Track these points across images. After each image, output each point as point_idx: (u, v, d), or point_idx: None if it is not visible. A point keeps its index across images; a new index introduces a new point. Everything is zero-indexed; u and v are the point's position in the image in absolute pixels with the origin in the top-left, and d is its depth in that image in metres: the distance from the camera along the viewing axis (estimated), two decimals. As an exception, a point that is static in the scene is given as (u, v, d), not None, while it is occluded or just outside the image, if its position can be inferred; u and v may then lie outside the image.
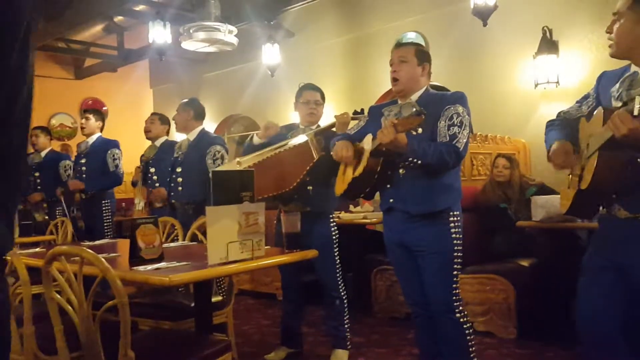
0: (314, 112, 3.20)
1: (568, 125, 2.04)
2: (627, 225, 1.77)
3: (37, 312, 2.14)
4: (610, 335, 1.82)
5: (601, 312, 1.83)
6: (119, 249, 2.75)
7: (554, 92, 4.71)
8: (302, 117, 3.24)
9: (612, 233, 1.84)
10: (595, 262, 1.89)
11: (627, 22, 1.74)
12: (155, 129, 4.40)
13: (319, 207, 3.13)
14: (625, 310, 1.80)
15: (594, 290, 1.86)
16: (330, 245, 3.18)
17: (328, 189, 3.16)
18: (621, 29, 1.76)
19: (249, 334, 3.98)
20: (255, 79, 7.13)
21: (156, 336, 2.39)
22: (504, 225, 3.83)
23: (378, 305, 4.28)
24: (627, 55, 1.80)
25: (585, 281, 1.90)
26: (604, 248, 1.88)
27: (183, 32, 5.05)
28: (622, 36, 1.76)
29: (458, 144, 2.31)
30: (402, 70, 2.45)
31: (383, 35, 5.87)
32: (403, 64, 2.45)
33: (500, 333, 3.62)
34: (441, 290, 2.39)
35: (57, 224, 4.33)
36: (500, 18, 4.63)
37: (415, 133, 2.33)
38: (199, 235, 3.15)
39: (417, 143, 2.27)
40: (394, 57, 2.50)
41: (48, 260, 1.82)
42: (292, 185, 2.95)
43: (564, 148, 1.96)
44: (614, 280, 1.81)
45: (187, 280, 1.97)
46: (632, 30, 1.74)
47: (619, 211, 1.79)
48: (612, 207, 1.82)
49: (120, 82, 8.50)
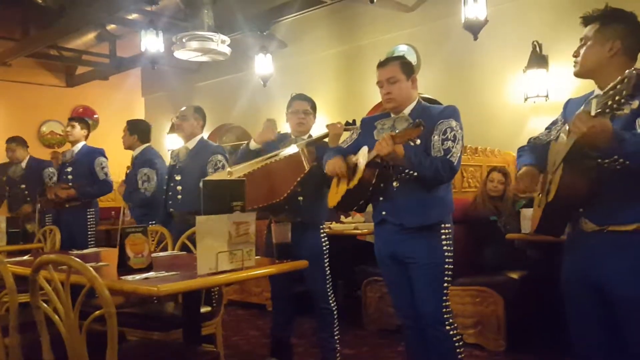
0: (303, 122, 3.20)
1: (537, 150, 2.09)
2: (594, 238, 1.81)
3: (23, 321, 2.11)
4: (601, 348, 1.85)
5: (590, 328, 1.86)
6: (107, 258, 2.73)
7: (544, 105, 4.75)
8: (292, 127, 3.25)
9: (581, 247, 1.88)
10: (570, 279, 1.92)
11: (593, 44, 1.85)
12: (125, 140, 4.34)
13: (310, 218, 3.12)
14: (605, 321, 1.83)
15: (577, 307, 1.91)
16: (321, 257, 3.16)
17: (319, 199, 3.16)
18: (587, 50, 1.86)
19: (238, 345, 3.95)
20: (248, 89, 7.14)
21: (144, 347, 2.37)
22: (494, 237, 3.84)
23: (368, 317, 4.26)
24: (591, 75, 1.90)
25: (566, 299, 1.94)
26: (575, 263, 1.90)
27: (176, 41, 5.05)
28: (587, 57, 1.87)
29: (452, 158, 2.33)
30: (394, 91, 2.45)
31: (375, 47, 5.90)
32: (394, 84, 2.45)
33: (490, 345, 3.62)
34: (432, 303, 2.39)
35: (45, 232, 4.29)
36: (491, 32, 4.67)
37: (414, 144, 2.35)
38: (188, 245, 3.13)
39: (414, 155, 2.29)
40: (382, 77, 2.49)
41: (35, 269, 1.80)
42: (283, 196, 2.94)
43: (530, 172, 2.01)
44: (590, 294, 1.84)
45: (176, 290, 1.95)
46: (597, 52, 1.84)
47: (586, 224, 1.83)
48: (578, 221, 1.85)
49: (112, 91, 8.47)
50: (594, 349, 1.86)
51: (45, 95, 8.03)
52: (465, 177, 4.45)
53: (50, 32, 6.58)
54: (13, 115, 7.59)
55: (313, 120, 3.28)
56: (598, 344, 1.85)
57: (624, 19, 1.84)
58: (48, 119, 8.14)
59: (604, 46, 1.82)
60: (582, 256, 1.87)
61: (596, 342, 1.85)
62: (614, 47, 1.81)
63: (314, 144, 3.08)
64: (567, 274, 1.94)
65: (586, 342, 1.88)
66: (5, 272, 2.05)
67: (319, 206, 3.17)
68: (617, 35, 1.81)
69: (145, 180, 4.05)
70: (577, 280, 1.89)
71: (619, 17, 1.84)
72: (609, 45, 1.81)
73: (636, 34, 1.83)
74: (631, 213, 1.72)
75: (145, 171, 4.08)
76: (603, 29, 1.83)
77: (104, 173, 4.70)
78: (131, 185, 4.18)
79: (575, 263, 1.90)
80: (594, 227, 1.81)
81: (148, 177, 4.06)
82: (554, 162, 1.86)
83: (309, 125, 3.24)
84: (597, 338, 1.85)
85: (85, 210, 4.67)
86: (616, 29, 1.82)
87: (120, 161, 5.55)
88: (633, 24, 1.84)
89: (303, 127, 3.21)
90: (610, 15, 1.85)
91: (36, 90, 7.93)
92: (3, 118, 7.52)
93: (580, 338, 1.91)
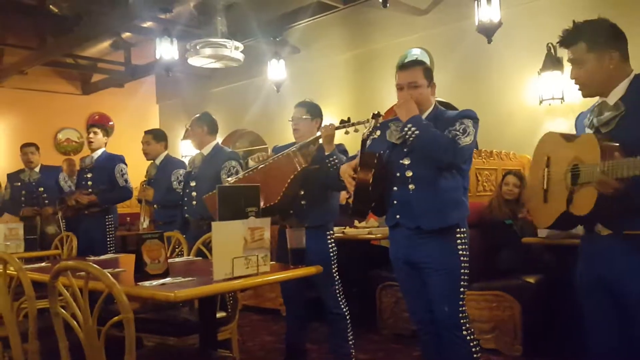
0: (298, 128, 3.24)
1: None
2: (609, 240, 1.82)
3: (41, 327, 2.13)
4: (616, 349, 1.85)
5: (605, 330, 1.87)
6: (124, 264, 2.75)
7: (559, 108, 4.72)
8: (293, 133, 3.31)
9: (595, 250, 1.89)
10: (584, 281, 1.93)
11: (590, 65, 1.86)
12: (151, 149, 4.44)
13: (316, 222, 3.08)
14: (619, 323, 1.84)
15: (592, 310, 1.91)
16: (329, 262, 3.12)
17: (323, 203, 3.16)
18: (587, 72, 1.87)
19: (253, 351, 3.96)
20: (261, 95, 7.17)
21: (161, 352, 2.38)
22: (510, 241, 3.81)
23: (383, 322, 4.25)
24: (599, 92, 1.91)
25: (583, 303, 1.95)
26: (590, 265, 1.91)
27: (190, 48, 5.09)
28: (592, 78, 1.87)
29: (458, 140, 2.32)
30: (415, 96, 2.43)
31: (388, 51, 5.90)
32: (415, 89, 2.44)
33: (507, 350, 3.58)
34: (448, 308, 2.38)
35: (62, 238, 4.34)
36: (505, 35, 4.66)
37: None
38: (204, 251, 3.14)
39: (425, 120, 2.36)
40: (403, 81, 2.47)
41: (54, 275, 1.82)
42: (277, 199, 2.94)
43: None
44: (605, 297, 1.85)
45: (192, 295, 1.96)
46: (599, 70, 1.85)
47: (601, 229, 1.84)
48: (593, 225, 1.86)
49: (127, 98, 8.56)
50: (609, 351, 1.86)
51: (61, 103, 8.13)
52: (480, 180, 4.42)
53: (66, 40, 6.67)
54: (30, 122, 7.69)
55: (313, 124, 3.26)
56: (613, 345, 1.85)
57: (604, 29, 1.85)
58: (64, 126, 8.24)
59: (602, 62, 1.83)
60: (596, 258, 1.88)
61: (611, 344, 1.85)
62: (613, 58, 1.83)
63: (307, 147, 3.10)
64: (582, 276, 1.94)
65: (601, 344, 1.88)
66: (24, 278, 2.07)
67: (324, 210, 3.16)
68: (609, 46, 1.83)
69: (182, 180, 4.13)
70: (591, 282, 1.89)
71: (599, 29, 1.85)
72: (607, 59, 1.83)
73: (621, 36, 1.86)
74: None
75: (181, 172, 4.21)
76: (592, 46, 1.84)
77: (124, 179, 4.76)
78: (162, 188, 4.28)
79: (590, 265, 1.91)
80: (608, 231, 1.82)
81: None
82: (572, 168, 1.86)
83: (305, 130, 3.23)
84: (612, 340, 1.85)
85: (104, 216, 4.72)
86: (605, 41, 1.83)
87: (135, 168, 5.59)
88: (611, 28, 1.86)
89: (298, 133, 3.24)
90: (591, 30, 1.86)
91: (52, 98, 8.04)
92: (20, 126, 7.63)
93: (596, 340, 1.91)
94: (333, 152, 2.97)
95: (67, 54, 7.20)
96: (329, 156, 2.96)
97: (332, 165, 2.95)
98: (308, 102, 3.35)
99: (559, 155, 1.93)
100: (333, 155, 2.96)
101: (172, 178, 4.26)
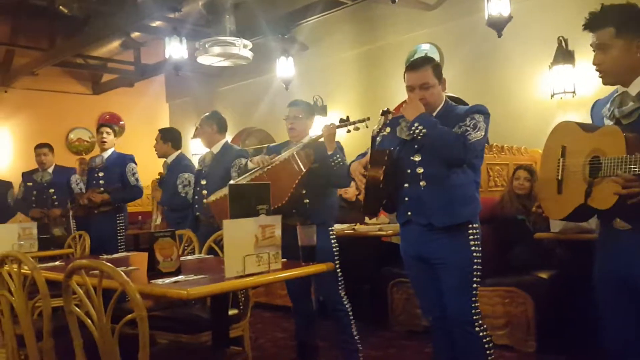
0: (293, 127, 3.25)
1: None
2: (627, 235, 1.78)
3: (56, 325, 2.15)
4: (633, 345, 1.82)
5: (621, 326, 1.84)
6: (136, 262, 2.76)
7: (571, 102, 4.68)
8: (287, 133, 3.32)
9: (614, 246, 1.85)
10: (602, 277, 1.90)
11: (616, 51, 1.78)
12: (158, 148, 4.51)
13: (318, 219, 3.07)
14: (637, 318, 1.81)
15: (608, 306, 1.89)
16: (331, 259, 3.10)
17: (325, 200, 3.18)
18: (612, 59, 1.80)
19: (265, 348, 3.97)
20: (270, 92, 7.17)
21: (174, 349, 2.39)
22: (522, 237, 3.78)
23: (395, 319, 4.24)
24: (621, 81, 1.84)
25: (600, 297, 1.92)
26: (607, 261, 1.88)
27: (199, 47, 5.11)
28: (616, 64, 1.80)
29: (468, 136, 2.30)
30: (427, 97, 2.41)
31: (397, 47, 5.88)
32: (427, 90, 2.42)
33: (520, 346, 3.56)
34: (460, 304, 2.37)
35: (74, 237, 4.37)
36: (515, 29, 4.62)
37: None
38: (215, 248, 3.15)
39: (433, 117, 2.35)
40: (414, 83, 2.44)
41: (68, 274, 1.83)
42: (285, 200, 2.97)
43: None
44: (622, 293, 1.82)
45: (205, 293, 1.97)
46: (625, 57, 1.78)
47: (618, 223, 1.81)
48: (611, 219, 1.83)
49: (136, 97, 8.60)
50: (625, 347, 1.83)
51: (72, 103, 8.18)
52: (492, 176, 4.40)
53: (76, 41, 6.71)
54: (42, 123, 7.75)
55: (307, 123, 3.30)
56: (630, 341, 1.82)
57: (635, 14, 1.79)
58: (75, 126, 8.30)
59: (629, 50, 1.77)
60: (614, 253, 1.85)
61: (628, 340, 1.83)
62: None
63: (309, 147, 3.11)
64: (600, 272, 1.91)
65: (617, 340, 1.86)
66: (38, 277, 2.09)
67: (325, 207, 3.19)
68: (638, 33, 1.76)
69: (187, 184, 4.19)
70: (609, 278, 1.87)
71: (629, 14, 1.79)
72: (635, 46, 1.76)
73: None
74: None
75: (186, 176, 4.23)
76: (621, 32, 1.77)
77: (135, 179, 4.79)
78: (168, 191, 4.30)
79: (608, 260, 1.88)
80: (625, 225, 1.79)
81: (189, 181, 4.20)
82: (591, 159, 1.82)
83: (300, 129, 3.26)
84: (629, 336, 1.82)
85: (115, 215, 4.75)
86: (634, 26, 1.76)
87: (146, 167, 5.63)
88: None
89: (293, 132, 3.26)
90: (620, 15, 1.79)
91: (63, 98, 8.09)
92: (32, 126, 7.69)
93: (612, 336, 1.88)
94: (336, 150, 3.02)
95: (77, 55, 7.23)
96: (332, 155, 3.00)
97: (336, 163, 2.99)
98: (301, 101, 3.40)
99: (576, 146, 1.88)
100: (336, 154, 3.01)
101: (178, 182, 4.28)
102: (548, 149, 2.05)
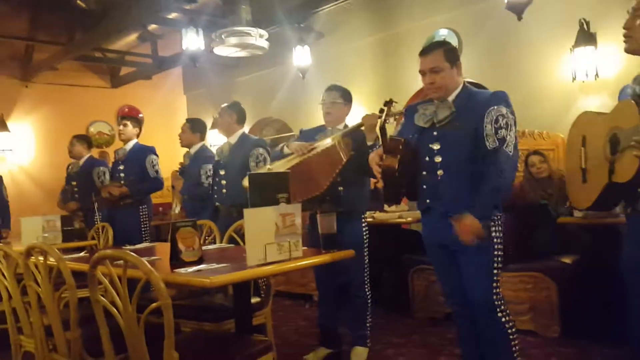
0: (330, 112, 3.25)
1: None
2: None
3: (82, 315, 2.19)
4: None
5: None
6: (159, 252, 2.80)
7: (593, 84, 4.58)
8: (324, 117, 3.31)
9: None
10: (630, 262, 1.87)
11: None
12: (185, 137, 4.54)
13: (351, 207, 3.14)
14: None
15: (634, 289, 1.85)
16: (362, 246, 3.19)
17: (359, 189, 3.19)
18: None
19: (286, 335, 4.00)
20: (287, 82, 7.16)
21: (198, 337, 2.42)
22: (545, 222, 3.74)
23: (416, 306, 4.24)
24: None
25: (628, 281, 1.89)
26: (635, 245, 1.85)
27: (215, 38, 5.10)
28: None
29: (508, 148, 2.26)
30: (437, 81, 2.38)
31: (414, 33, 5.81)
32: (437, 74, 2.37)
33: (544, 332, 3.54)
34: (482, 290, 2.35)
35: (98, 229, 4.43)
36: (535, 12, 4.53)
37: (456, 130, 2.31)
38: (235, 238, 3.18)
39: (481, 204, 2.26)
40: (424, 67, 2.40)
41: (93, 264, 1.86)
42: (323, 189, 2.97)
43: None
44: None
45: (227, 281, 1.99)
46: None
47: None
48: (637, 203, 1.79)
49: (154, 89, 8.65)
50: None
51: (91, 97, 8.26)
52: (513, 161, 4.34)
53: (94, 35, 6.75)
54: (62, 117, 7.84)
55: (344, 109, 3.30)
56: None
57: None
58: (95, 119, 8.38)
59: None
60: None
61: None
62: None
63: (349, 135, 3.09)
64: (628, 257, 1.88)
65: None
66: (64, 269, 2.13)
67: (359, 195, 3.21)
68: None
69: (210, 175, 4.20)
70: (636, 263, 1.82)
71: None
72: None
73: None
74: None
75: (210, 167, 4.25)
76: None
77: (154, 170, 4.79)
78: (190, 180, 4.35)
79: (636, 245, 1.84)
80: None
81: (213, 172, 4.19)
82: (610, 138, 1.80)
83: (337, 115, 3.26)
84: None
85: (138, 207, 4.76)
86: None
87: (164, 158, 5.66)
88: None
89: (330, 116, 3.25)
90: None
91: (83, 92, 8.17)
92: (53, 120, 7.79)
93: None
94: (377, 141, 2.92)
95: (96, 48, 7.28)
96: (372, 146, 2.90)
97: None
98: (340, 86, 3.35)
99: (594, 132, 1.88)
100: (377, 144, 2.91)
101: (201, 172, 4.33)
102: (570, 143, 2.05)
